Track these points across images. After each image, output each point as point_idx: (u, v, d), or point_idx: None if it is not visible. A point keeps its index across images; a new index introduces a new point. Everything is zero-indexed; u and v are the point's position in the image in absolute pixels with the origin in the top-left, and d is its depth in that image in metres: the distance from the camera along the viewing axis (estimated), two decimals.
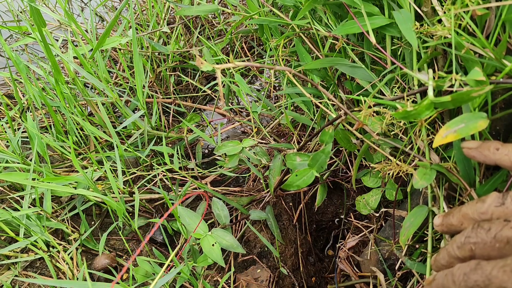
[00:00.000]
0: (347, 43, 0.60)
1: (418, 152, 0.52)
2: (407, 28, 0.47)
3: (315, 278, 0.82)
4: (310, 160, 0.55)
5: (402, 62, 0.55)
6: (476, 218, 0.39)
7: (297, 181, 0.57)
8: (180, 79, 1.17)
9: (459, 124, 0.38)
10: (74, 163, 0.63)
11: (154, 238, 0.73)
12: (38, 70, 0.84)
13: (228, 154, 0.70)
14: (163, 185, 0.84)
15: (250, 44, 1.22)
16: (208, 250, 0.60)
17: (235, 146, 0.70)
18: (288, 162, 0.59)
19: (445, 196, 0.51)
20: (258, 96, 0.96)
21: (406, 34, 0.47)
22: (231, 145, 0.71)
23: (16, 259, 0.62)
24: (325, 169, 0.56)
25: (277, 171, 0.70)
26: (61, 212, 0.72)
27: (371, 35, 0.52)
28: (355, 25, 0.54)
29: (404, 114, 0.39)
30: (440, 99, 0.36)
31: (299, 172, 0.56)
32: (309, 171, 0.56)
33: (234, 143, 0.71)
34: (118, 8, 1.43)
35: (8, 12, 1.38)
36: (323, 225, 0.91)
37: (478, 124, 0.37)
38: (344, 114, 0.49)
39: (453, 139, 0.38)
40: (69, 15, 0.82)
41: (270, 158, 0.76)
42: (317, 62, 0.63)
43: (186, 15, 1.06)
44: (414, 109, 0.38)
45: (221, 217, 0.69)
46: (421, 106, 0.37)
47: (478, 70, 0.37)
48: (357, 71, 0.60)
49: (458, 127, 0.38)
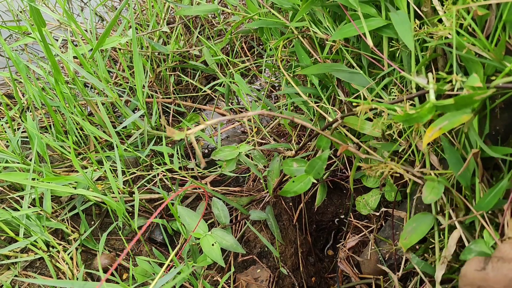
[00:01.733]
0: (345, 45, 0.60)
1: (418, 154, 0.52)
2: (404, 30, 0.47)
3: (315, 278, 0.82)
4: (307, 167, 0.56)
5: (400, 64, 0.55)
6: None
7: (294, 187, 0.57)
8: (180, 79, 1.17)
9: (443, 122, 0.39)
10: (74, 163, 0.63)
11: (154, 238, 0.73)
12: (38, 70, 0.84)
13: (225, 159, 0.70)
14: (163, 185, 0.84)
15: (250, 44, 1.22)
16: (208, 250, 0.60)
17: (232, 151, 0.70)
18: (285, 168, 0.60)
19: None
20: (258, 96, 0.96)
21: (403, 36, 0.47)
22: (228, 150, 0.70)
23: (16, 259, 0.62)
24: (322, 175, 0.57)
25: (275, 173, 0.70)
26: (61, 212, 0.72)
27: (368, 37, 0.51)
28: (352, 28, 0.53)
29: (406, 117, 0.39)
30: (442, 102, 0.36)
31: (296, 178, 0.57)
32: (306, 177, 0.57)
33: (231, 148, 0.70)
34: (118, 8, 1.43)
35: (8, 11, 1.37)
36: (323, 225, 0.91)
37: (461, 118, 0.39)
38: (341, 118, 0.49)
39: (437, 135, 0.39)
40: (69, 15, 0.82)
41: (267, 161, 0.76)
42: (315, 67, 0.63)
43: (186, 15, 1.06)
44: (416, 112, 0.38)
45: (221, 217, 0.69)
46: (423, 110, 0.37)
47: (475, 76, 0.37)
48: (354, 77, 0.60)
49: (442, 124, 0.39)
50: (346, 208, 0.88)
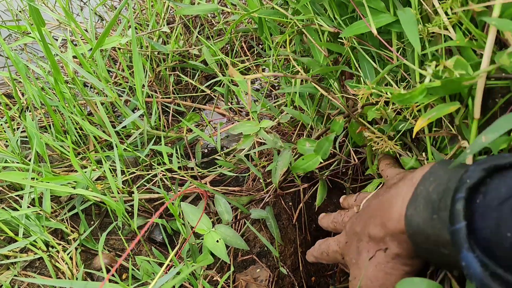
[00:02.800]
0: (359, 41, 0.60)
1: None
2: (411, 30, 0.47)
3: (314, 277, 0.82)
4: (316, 146, 0.61)
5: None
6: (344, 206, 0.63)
7: (303, 165, 0.63)
8: (180, 79, 1.17)
9: (432, 113, 0.42)
10: (73, 162, 0.63)
11: (153, 238, 0.73)
12: (37, 70, 0.84)
13: (245, 133, 0.68)
14: (163, 185, 0.84)
15: (250, 44, 1.22)
16: (213, 246, 0.60)
17: (252, 126, 0.68)
18: (299, 147, 0.65)
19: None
20: (257, 96, 0.96)
21: (410, 36, 0.47)
22: (249, 125, 0.68)
23: (15, 259, 0.62)
24: (328, 155, 0.61)
25: (285, 163, 0.70)
26: (60, 212, 0.72)
27: (375, 32, 0.51)
28: (363, 25, 0.53)
29: (399, 97, 0.42)
30: (431, 84, 0.38)
31: (306, 156, 0.63)
32: (315, 156, 0.62)
33: (252, 123, 0.68)
34: (117, 7, 1.43)
35: (7, 11, 1.37)
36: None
37: (449, 109, 0.41)
38: (361, 108, 0.52)
39: (424, 124, 0.42)
40: (68, 15, 0.82)
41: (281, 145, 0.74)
42: (325, 68, 0.65)
43: (185, 14, 1.06)
44: (408, 93, 0.40)
45: (224, 214, 0.69)
46: (416, 91, 0.40)
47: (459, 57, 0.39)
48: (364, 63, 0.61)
49: (431, 115, 0.42)
50: None
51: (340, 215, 0.59)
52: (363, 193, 0.58)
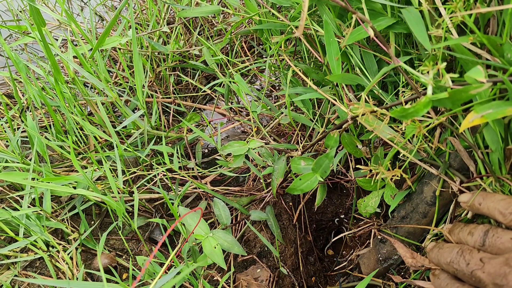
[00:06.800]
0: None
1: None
2: (419, 30, 0.45)
3: (315, 277, 0.82)
4: (313, 165, 0.56)
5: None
6: (462, 242, 0.47)
7: (301, 185, 0.58)
8: (180, 79, 1.17)
9: (487, 109, 0.37)
10: (74, 162, 0.63)
11: (154, 238, 0.73)
12: (37, 70, 0.84)
13: (234, 154, 0.69)
14: (163, 185, 0.84)
15: (250, 44, 1.22)
16: (210, 252, 0.60)
17: (241, 146, 0.69)
18: (293, 166, 0.60)
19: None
20: (258, 95, 0.96)
21: (419, 36, 0.45)
22: (237, 146, 0.69)
23: (15, 259, 0.62)
24: (328, 174, 0.57)
25: (280, 173, 0.69)
26: (60, 212, 0.72)
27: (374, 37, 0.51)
28: (362, 31, 0.52)
29: (402, 112, 0.38)
30: (437, 96, 0.35)
31: (303, 176, 0.57)
32: (313, 176, 0.57)
33: (240, 144, 0.69)
34: (117, 7, 1.43)
35: (7, 11, 1.37)
36: (323, 224, 0.91)
37: (506, 110, 0.36)
38: (351, 119, 0.49)
39: (479, 122, 0.37)
40: (68, 15, 0.82)
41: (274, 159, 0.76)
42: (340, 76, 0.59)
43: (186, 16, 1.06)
44: (412, 107, 0.36)
45: (222, 217, 0.69)
46: (419, 104, 0.36)
47: (479, 68, 0.34)
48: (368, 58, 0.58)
49: (486, 112, 0.36)
50: (346, 208, 0.88)
51: (463, 257, 0.44)
52: (492, 228, 0.44)
